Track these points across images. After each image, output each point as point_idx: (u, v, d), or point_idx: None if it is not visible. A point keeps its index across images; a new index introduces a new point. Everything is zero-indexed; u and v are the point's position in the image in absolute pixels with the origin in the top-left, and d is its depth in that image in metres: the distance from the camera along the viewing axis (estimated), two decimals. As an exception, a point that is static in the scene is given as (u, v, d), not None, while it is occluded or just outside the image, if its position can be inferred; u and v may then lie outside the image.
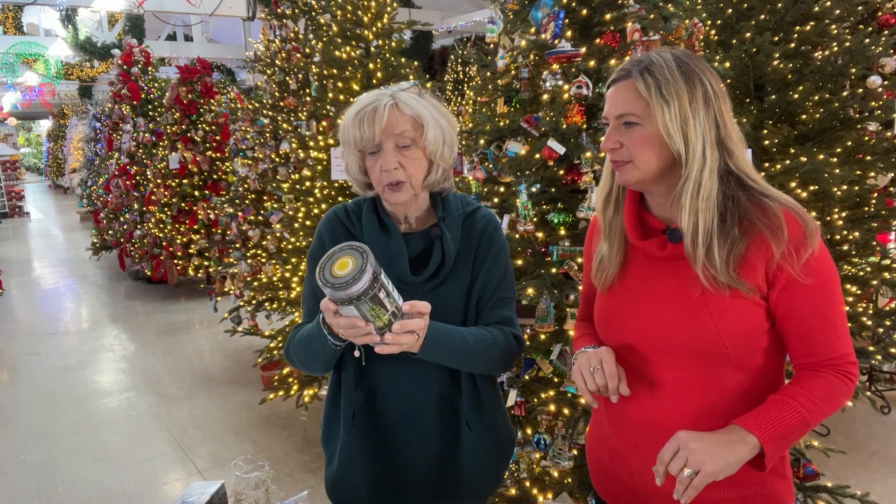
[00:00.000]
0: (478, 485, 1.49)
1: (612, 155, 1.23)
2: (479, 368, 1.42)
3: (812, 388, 1.16)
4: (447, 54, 12.27)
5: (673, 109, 1.14)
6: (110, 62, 9.97)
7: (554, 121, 2.19)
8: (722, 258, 1.14)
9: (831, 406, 1.17)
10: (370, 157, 1.37)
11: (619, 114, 1.20)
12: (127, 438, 3.94)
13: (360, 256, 1.12)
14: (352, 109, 1.38)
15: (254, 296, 4.72)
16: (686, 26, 2.32)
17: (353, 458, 1.44)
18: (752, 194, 1.17)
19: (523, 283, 2.22)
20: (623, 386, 1.22)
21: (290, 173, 4.73)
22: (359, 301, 1.12)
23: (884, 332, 3.38)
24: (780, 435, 1.12)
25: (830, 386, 1.17)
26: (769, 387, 1.21)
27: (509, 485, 2.39)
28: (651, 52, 1.22)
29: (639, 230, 1.27)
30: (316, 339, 1.32)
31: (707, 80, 1.17)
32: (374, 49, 3.74)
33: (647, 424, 1.25)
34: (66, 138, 20.02)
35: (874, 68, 3.22)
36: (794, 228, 1.14)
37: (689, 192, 1.15)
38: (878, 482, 3.11)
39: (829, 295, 1.17)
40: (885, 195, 3.42)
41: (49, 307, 7.23)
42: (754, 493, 1.22)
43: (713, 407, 1.20)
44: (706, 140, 1.15)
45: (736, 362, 1.18)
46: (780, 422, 1.12)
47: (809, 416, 1.14)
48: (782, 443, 1.13)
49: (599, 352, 1.25)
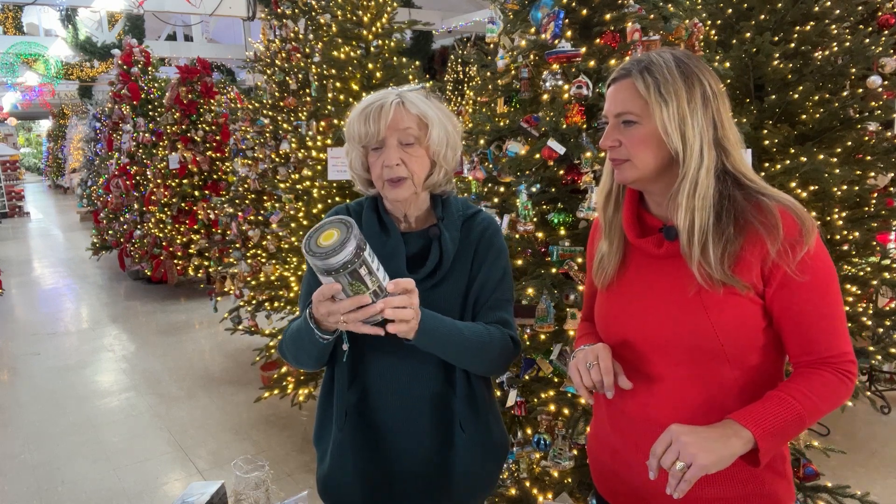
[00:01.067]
0: (470, 490, 1.48)
1: (610, 153, 1.24)
2: (475, 365, 1.41)
3: (810, 386, 1.16)
4: (447, 54, 12.27)
5: (671, 108, 1.15)
6: (110, 62, 9.97)
7: (554, 121, 2.19)
8: (717, 256, 1.15)
9: (829, 404, 1.17)
10: (373, 153, 1.38)
11: (618, 112, 1.21)
12: (127, 438, 3.94)
13: (345, 229, 1.13)
14: (359, 106, 1.40)
15: (254, 296, 4.72)
16: (686, 26, 2.32)
17: (345, 457, 1.44)
18: (748, 193, 1.18)
19: (523, 283, 2.22)
20: (623, 379, 1.22)
21: (290, 173, 4.73)
22: (338, 273, 1.12)
23: (884, 332, 3.38)
24: (774, 430, 1.12)
25: (828, 384, 1.16)
26: (768, 385, 1.21)
27: (509, 485, 2.39)
28: (651, 52, 1.23)
29: (637, 228, 1.28)
30: (304, 332, 1.31)
31: (706, 80, 1.18)
32: (374, 49, 3.74)
33: (646, 422, 1.25)
34: (66, 138, 20.02)
35: (874, 68, 3.22)
36: (789, 226, 1.14)
37: (685, 190, 1.16)
38: (878, 482, 3.11)
39: (826, 293, 1.17)
40: (885, 195, 3.42)
41: (49, 307, 7.24)
42: (753, 492, 1.22)
43: (711, 404, 1.20)
44: (703, 139, 1.16)
45: (732, 359, 1.18)
46: (776, 417, 1.12)
47: (806, 414, 1.14)
48: (777, 438, 1.13)
49: (595, 348, 1.26)
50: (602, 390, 1.23)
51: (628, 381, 1.23)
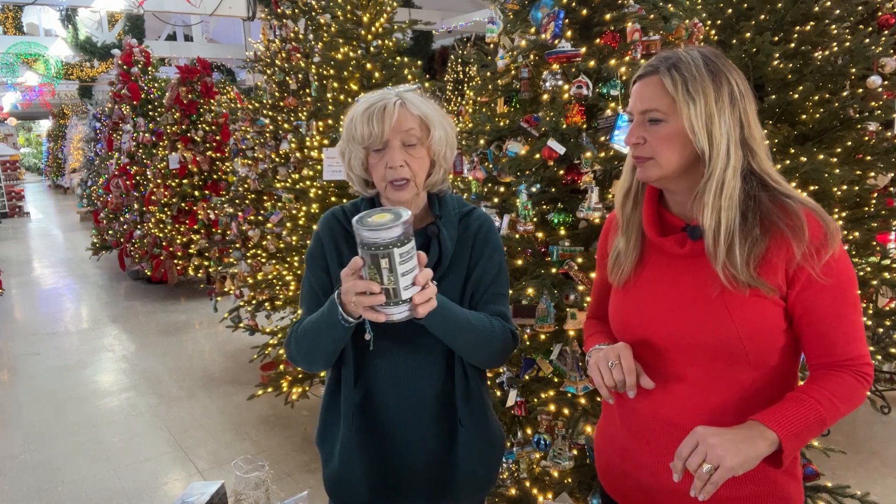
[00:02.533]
0: (472, 483, 1.51)
1: (634, 150, 1.23)
2: (479, 354, 1.43)
3: (830, 388, 1.16)
4: (447, 54, 12.27)
5: (699, 107, 1.14)
6: (110, 62, 9.97)
7: (554, 121, 2.19)
8: (743, 257, 1.14)
9: (847, 406, 1.17)
10: (375, 155, 1.39)
11: (644, 109, 1.20)
12: (127, 438, 3.94)
13: (397, 214, 1.15)
14: (359, 106, 1.39)
15: (254, 296, 4.72)
16: (686, 26, 2.33)
17: (353, 455, 1.45)
18: (773, 195, 1.18)
19: (523, 283, 2.22)
20: (645, 379, 1.22)
21: (290, 173, 4.73)
22: (370, 250, 1.13)
23: (884, 332, 3.39)
24: (798, 431, 1.12)
25: (847, 386, 1.17)
26: (783, 385, 1.21)
27: (509, 485, 2.39)
28: (679, 49, 1.22)
29: (658, 227, 1.27)
30: (324, 321, 1.31)
31: (734, 79, 1.18)
32: (374, 49, 3.74)
33: (660, 421, 1.25)
34: (66, 138, 20.01)
35: (874, 68, 3.22)
36: (815, 229, 1.14)
37: (711, 190, 1.15)
38: (878, 482, 3.11)
39: (847, 296, 1.17)
40: (885, 195, 3.42)
41: (49, 307, 7.23)
42: (768, 492, 1.22)
43: (727, 404, 1.20)
44: (730, 139, 1.15)
45: (754, 361, 1.18)
46: (799, 419, 1.12)
47: (827, 415, 1.14)
48: (800, 439, 1.13)
49: (617, 347, 1.25)
50: (623, 389, 1.23)
51: (650, 381, 1.22)
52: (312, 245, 1.49)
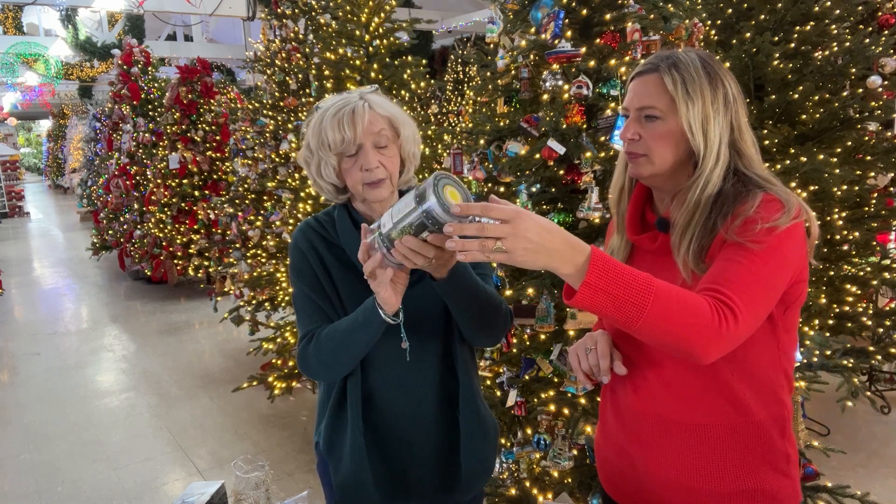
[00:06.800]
0: (474, 474, 1.53)
1: (628, 146, 1.25)
2: (483, 324, 1.44)
3: (678, 288, 1.05)
4: (447, 54, 12.27)
5: (696, 107, 1.17)
6: (110, 62, 9.98)
7: (554, 121, 2.19)
8: (694, 250, 1.16)
9: (682, 313, 1.02)
10: (348, 160, 1.39)
11: (641, 106, 1.22)
12: (127, 438, 3.94)
13: (464, 190, 1.08)
14: (326, 113, 1.38)
15: (254, 295, 4.72)
16: (686, 26, 2.33)
17: (363, 460, 1.46)
18: (738, 189, 1.17)
19: (523, 283, 2.22)
20: (618, 365, 1.24)
21: (290, 173, 4.73)
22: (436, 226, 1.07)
23: (884, 332, 3.39)
24: (613, 275, 0.99)
25: (696, 300, 1.03)
26: (765, 373, 1.21)
27: (509, 485, 2.39)
28: (677, 50, 1.24)
29: (638, 225, 1.29)
30: (360, 322, 1.33)
31: (728, 83, 1.20)
32: (373, 49, 3.74)
33: (647, 415, 1.26)
34: (66, 138, 20.02)
35: (874, 68, 3.22)
36: (766, 207, 1.11)
37: (697, 187, 1.17)
38: (878, 482, 3.11)
39: (763, 261, 1.08)
40: (885, 195, 3.42)
41: (49, 307, 7.23)
42: (753, 487, 1.22)
43: (706, 395, 1.20)
44: (722, 141, 1.18)
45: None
46: (624, 270, 1.01)
47: (653, 294, 1.00)
48: (609, 286, 0.99)
49: (595, 334, 1.28)
50: (599, 376, 1.25)
51: (624, 367, 1.24)
52: (295, 258, 1.47)
